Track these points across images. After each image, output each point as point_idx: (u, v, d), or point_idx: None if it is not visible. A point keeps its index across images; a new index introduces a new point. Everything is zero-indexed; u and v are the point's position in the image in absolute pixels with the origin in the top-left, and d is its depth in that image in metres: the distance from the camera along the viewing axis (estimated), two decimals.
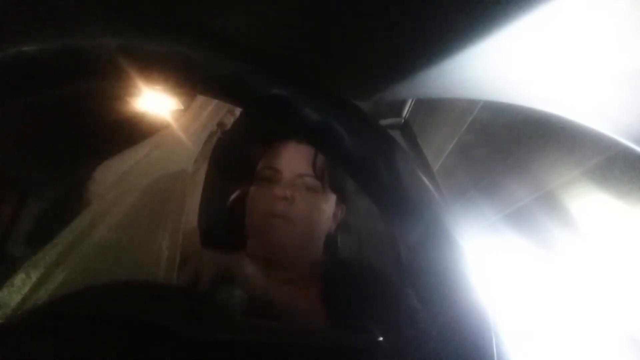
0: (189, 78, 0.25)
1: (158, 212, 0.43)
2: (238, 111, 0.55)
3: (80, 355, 0.22)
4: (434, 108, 0.77)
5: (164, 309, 0.27)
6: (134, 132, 0.83)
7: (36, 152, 0.98)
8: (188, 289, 0.49)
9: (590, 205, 0.84)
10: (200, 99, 0.52)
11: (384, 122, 0.72)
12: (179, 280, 0.42)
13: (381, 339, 0.25)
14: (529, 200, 0.96)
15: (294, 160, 0.53)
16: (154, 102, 0.77)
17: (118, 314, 0.25)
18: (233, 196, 0.64)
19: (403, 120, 0.72)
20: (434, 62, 0.31)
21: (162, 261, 0.41)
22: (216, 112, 0.52)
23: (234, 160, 0.60)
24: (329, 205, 0.56)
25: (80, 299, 0.29)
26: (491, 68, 0.32)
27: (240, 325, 0.28)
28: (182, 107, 0.78)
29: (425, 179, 0.24)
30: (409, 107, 0.70)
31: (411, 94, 0.53)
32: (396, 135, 0.72)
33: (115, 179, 0.48)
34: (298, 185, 0.52)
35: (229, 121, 0.53)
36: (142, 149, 0.50)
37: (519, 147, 0.82)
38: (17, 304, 0.35)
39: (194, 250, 0.47)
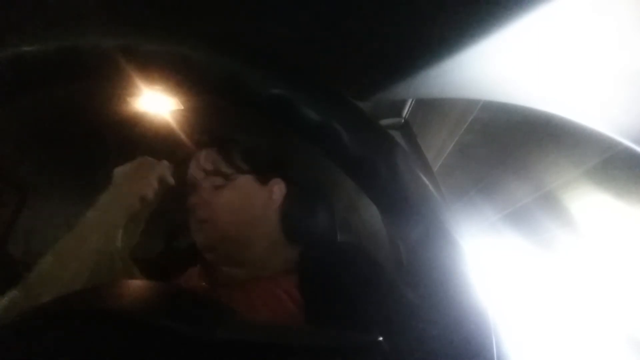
0: (188, 78, 0.25)
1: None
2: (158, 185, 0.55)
3: (81, 355, 0.22)
4: (434, 108, 0.77)
5: (164, 309, 0.27)
6: (134, 132, 0.83)
7: (36, 152, 0.99)
8: (188, 289, 0.49)
9: (590, 205, 0.84)
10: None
11: (384, 122, 0.72)
12: None
13: (381, 339, 0.25)
14: (529, 200, 0.96)
15: (196, 167, 0.56)
16: (154, 102, 0.77)
17: (118, 314, 0.25)
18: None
19: (403, 120, 0.72)
20: (434, 62, 0.31)
21: None
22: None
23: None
24: (243, 190, 0.55)
25: (80, 299, 0.29)
26: (491, 68, 0.32)
27: (240, 325, 0.28)
28: (182, 107, 0.78)
29: (425, 179, 0.24)
30: (409, 107, 0.70)
31: (411, 94, 0.53)
32: (396, 135, 0.72)
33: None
34: (206, 188, 0.54)
35: (150, 194, 0.53)
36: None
37: (519, 147, 0.82)
38: None
39: None
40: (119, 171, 0.55)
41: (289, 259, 0.54)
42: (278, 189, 0.58)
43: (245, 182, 0.55)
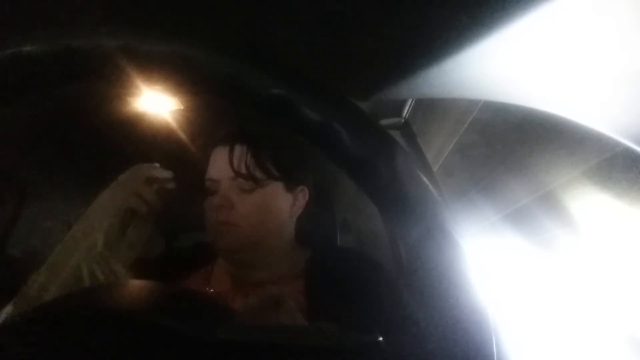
0: (188, 78, 0.25)
1: None
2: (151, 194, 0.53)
3: (81, 355, 0.22)
4: (434, 108, 0.77)
5: (164, 309, 0.27)
6: (134, 132, 0.83)
7: (36, 152, 0.99)
8: (188, 290, 0.49)
9: (590, 205, 0.84)
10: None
11: (384, 122, 0.72)
12: None
13: (381, 339, 0.25)
14: (529, 200, 0.96)
15: (223, 165, 0.53)
16: (154, 102, 0.77)
17: (118, 314, 0.25)
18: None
19: (403, 120, 0.72)
20: (434, 62, 0.31)
21: None
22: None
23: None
24: (272, 197, 0.54)
25: (80, 299, 0.29)
26: (491, 68, 0.32)
27: (240, 325, 0.28)
28: (182, 107, 0.78)
29: (425, 179, 0.24)
30: (409, 107, 0.70)
31: (411, 94, 0.53)
32: (396, 135, 0.72)
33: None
34: (234, 189, 0.52)
35: (140, 206, 0.51)
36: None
37: (519, 147, 0.82)
38: None
39: None
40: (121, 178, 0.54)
41: (295, 263, 0.55)
42: (302, 197, 0.58)
43: (275, 190, 0.54)
